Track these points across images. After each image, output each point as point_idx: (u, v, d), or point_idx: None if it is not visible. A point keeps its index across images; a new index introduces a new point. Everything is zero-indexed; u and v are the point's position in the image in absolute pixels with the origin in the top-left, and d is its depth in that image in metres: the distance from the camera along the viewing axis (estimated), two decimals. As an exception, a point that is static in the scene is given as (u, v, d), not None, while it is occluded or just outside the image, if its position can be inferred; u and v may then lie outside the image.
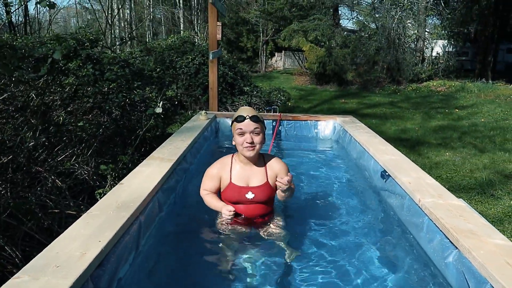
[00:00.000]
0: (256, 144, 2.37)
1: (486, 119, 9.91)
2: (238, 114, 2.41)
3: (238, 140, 2.39)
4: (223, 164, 2.54)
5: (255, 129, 2.36)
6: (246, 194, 2.43)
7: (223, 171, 2.51)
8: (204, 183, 2.55)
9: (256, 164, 2.50)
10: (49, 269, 1.49)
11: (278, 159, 2.59)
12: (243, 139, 2.36)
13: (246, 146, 2.36)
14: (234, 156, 2.55)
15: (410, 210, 2.57)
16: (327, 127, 5.48)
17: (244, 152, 2.39)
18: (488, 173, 5.53)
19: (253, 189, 2.44)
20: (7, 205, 2.67)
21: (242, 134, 2.36)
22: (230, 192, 2.46)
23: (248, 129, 2.35)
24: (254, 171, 2.49)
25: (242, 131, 2.36)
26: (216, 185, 2.51)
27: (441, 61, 18.99)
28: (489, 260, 1.71)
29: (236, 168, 2.50)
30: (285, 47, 23.80)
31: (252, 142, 2.35)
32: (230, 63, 10.27)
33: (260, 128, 2.38)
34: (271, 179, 2.48)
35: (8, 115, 3.64)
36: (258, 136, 2.37)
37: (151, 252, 2.23)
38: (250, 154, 2.38)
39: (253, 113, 2.40)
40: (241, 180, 2.47)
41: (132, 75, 5.38)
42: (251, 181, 2.47)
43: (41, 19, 15.77)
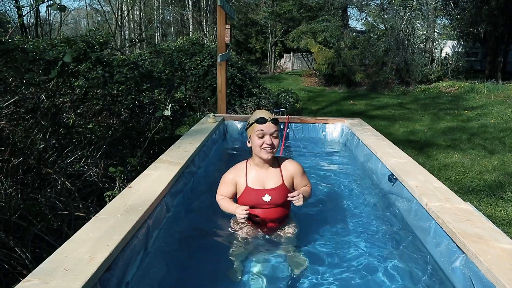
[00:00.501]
0: (275, 146, 2.41)
1: (496, 120, 9.82)
2: (258, 116, 2.43)
3: (256, 142, 2.41)
4: (238, 170, 2.56)
5: (275, 132, 2.40)
6: (263, 197, 2.45)
7: (239, 176, 2.53)
8: (220, 189, 2.58)
9: (271, 166, 2.52)
10: (59, 273, 1.51)
11: (292, 160, 2.62)
12: (263, 141, 2.39)
13: (265, 148, 2.38)
14: (248, 161, 2.58)
15: (417, 214, 2.57)
16: (335, 129, 5.47)
17: (262, 154, 2.41)
18: (498, 175, 5.48)
19: (269, 191, 2.45)
20: (17, 206, 2.71)
21: (262, 136, 2.39)
22: (247, 196, 2.47)
23: (268, 131, 2.38)
24: (270, 174, 2.51)
25: (263, 133, 2.38)
26: (232, 190, 2.53)
27: (450, 62, 18.82)
28: (496, 265, 1.71)
29: (252, 172, 2.52)
30: (294, 48, 23.79)
31: (272, 144, 2.39)
32: (239, 64, 10.29)
33: (278, 131, 2.43)
34: (286, 180, 2.51)
35: (19, 117, 3.70)
36: (276, 139, 2.42)
37: (158, 255, 2.25)
38: (268, 156, 2.41)
39: (272, 116, 2.43)
40: (257, 183, 2.48)
41: (141, 77, 5.42)
42: (267, 183, 2.49)
43: (52, 21, 15.95)
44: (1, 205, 2.69)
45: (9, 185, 2.90)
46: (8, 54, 3.24)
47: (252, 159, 2.54)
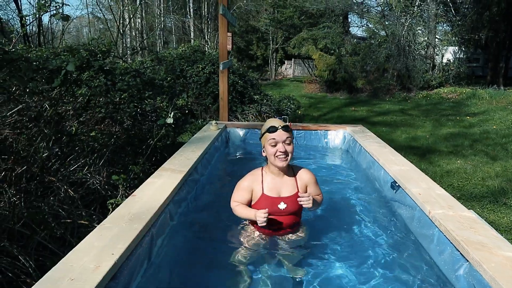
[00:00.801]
0: (289, 153, 2.42)
1: (498, 126, 9.82)
2: (269, 125, 2.46)
3: (270, 151, 2.43)
4: (255, 176, 2.57)
5: (287, 139, 2.42)
6: (279, 205, 2.46)
7: (255, 183, 2.54)
8: (235, 195, 2.57)
9: (286, 174, 2.54)
10: (65, 282, 1.52)
11: (306, 169, 2.64)
12: (276, 149, 2.41)
13: (279, 156, 2.40)
14: (264, 169, 2.59)
15: (421, 221, 2.57)
16: (337, 136, 5.48)
17: (276, 162, 2.43)
18: (501, 181, 5.47)
19: (285, 199, 2.47)
20: (21, 214, 2.72)
21: (275, 144, 2.41)
22: (263, 203, 2.48)
23: (280, 139, 2.41)
24: (285, 182, 2.53)
25: (275, 141, 2.41)
26: (248, 197, 2.53)
27: (452, 68, 18.86)
28: (499, 273, 1.71)
29: (267, 179, 2.53)
30: (295, 55, 23.87)
31: (285, 151, 2.40)
32: (240, 71, 10.34)
33: (291, 138, 2.45)
34: (301, 189, 2.53)
35: (22, 126, 3.72)
36: (290, 146, 2.43)
37: (162, 263, 2.26)
38: (283, 164, 2.43)
39: (283, 123, 2.46)
40: (273, 191, 2.50)
41: (143, 84, 5.45)
42: (283, 191, 2.51)
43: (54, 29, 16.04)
44: (4, 214, 2.70)
45: (12, 194, 2.91)
46: (12, 64, 3.27)
47: (268, 167, 2.56)
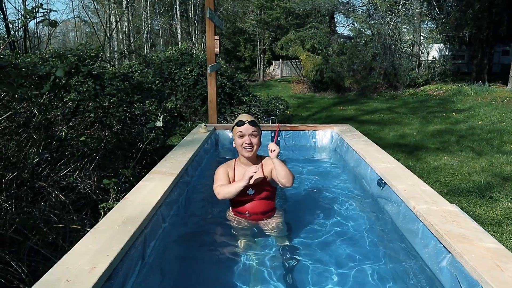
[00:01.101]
0: (254, 145, 2.74)
1: (483, 122, 10.00)
2: (238, 119, 2.78)
3: (238, 142, 2.75)
4: (228, 165, 2.88)
5: (253, 132, 2.73)
6: (248, 191, 2.71)
7: (229, 169, 2.85)
8: (217, 180, 2.79)
9: (255, 164, 2.78)
10: (61, 284, 1.56)
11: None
12: (243, 141, 2.72)
13: (245, 147, 2.72)
14: (236, 160, 2.90)
15: (406, 216, 2.64)
16: (325, 136, 5.55)
17: (243, 152, 2.75)
18: (486, 176, 5.60)
19: (252, 185, 2.68)
20: (12, 220, 2.74)
21: (242, 136, 2.73)
22: None
23: (247, 132, 2.72)
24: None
25: (242, 134, 2.72)
26: (226, 179, 2.79)
27: (437, 65, 19.11)
28: (480, 264, 1.78)
29: (238, 169, 2.83)
30: (282, 56, 23.98)
31: (251, 143, 2.72)
32: (228, 73, 10.38)
33: (257, 131, 2.76)
34: (267, 174, 2.77)
35: (11, 132, 3.72)
36: (255, 138, 2.75)
37: (156, 263, 2.30)
38: (248, 155, 2.74)
39: (251, 118, 2.78)
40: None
41: (132, 88, 5.47)
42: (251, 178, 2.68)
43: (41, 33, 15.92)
44: (-4, 220, 2.71)
45: (3, 200, 2.92)
46: (1, 71, 3.28)
47: (239, 158, 2.86)
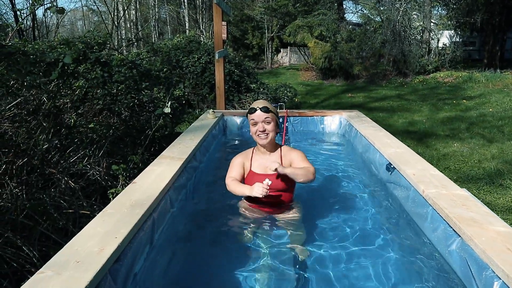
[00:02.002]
0: (268, 132, 2.62)
1: (495, 109, 9.86)
2: (250, 107, 2.67)
3: (252, 130, 2.67)
4: (246, 154, 2.82)
5: (266, 119, 2.61)
6: (264, 181, 2.56)
7: (246, 159, 2.78)
8: (230, 171, 2.75)
9: (273, 153, 2.72)
10: (70, 264, 1.58)
11: (293, 148, 2.82)
12: (256, 129, 2.63)
13: (259, 134, 2.62)
14: (254, 148, 2.82)
15: (415, 201, 2.63)
16: (333, 122, 5.53)
17: (258, 140, 2.66)
18: (497, 163, 5.53)
19: (269, 176, 2.60)
20: (23, 206, 2.77)
21: (255, 124, 2.63)
22: (250, 179, 2.66)
23: (259, 119, 2.61)
24: (271, 160, 2.68)
25: (255, 121, 2.63)
26: (241, 172, 2.73)
27: (448, 52, 18.83)
28: (490, 247, 1.77)
29: (256, 158, 2.76)
30: (291, 43, 23.78)
31: (264, 130, 2.61)
32: (236, 60, 10.33)
33: (270, 117, 2.63)
34: (286, 165, 2.66)
35: (21, 119, 3.75)
36: (269, 124, 2.62)
37: (165, 246, 2.32)
38: (263, 142, 2.64)
39: (264, 104, 2.64)
40: (259, 168, 2.69)
41: (140, 76, 5.46)
42: (269, 168, 2.62)
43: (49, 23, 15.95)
44: (7, 206, 2.75)
45: (14, 186, 2.95)
46: (10, 58, 3.29)
47: (257, 147, 2.76)
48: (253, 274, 2.14)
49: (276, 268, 2.21)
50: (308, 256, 2.32)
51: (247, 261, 2.27)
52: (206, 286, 2.13)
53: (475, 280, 1.81)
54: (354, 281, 2.08)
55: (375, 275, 2.12)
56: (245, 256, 2.32)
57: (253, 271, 2.17)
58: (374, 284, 2.06)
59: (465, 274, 1.90)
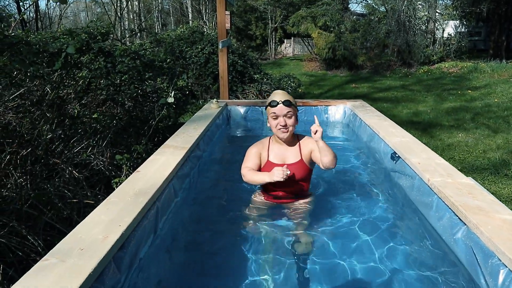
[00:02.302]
0: (289, 126, 2.54)
1: (500, 99, 9.78)
2: (271, 99, 2.56)
3: (272, 123, 2.57)
4: (262, 144, 2.72)
5: (288, 113, 2.52)
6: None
7: (262, 150, 2.68)
8: (246, 161, 2.67)
9: (291, 143, 2.65)
10: (75, 252, 1.58)
11: (311, 138, 2.68)
12: (277, 122, 2.53)
13: (280, 129, 2.53)
14: (271, 138, 2.73)
15: (420, 189, 2.61)
16: (338, 111, 5.50)
17: (278, 134, 2.56)
18: (502, 153, 5.50)
19: (288, 166, 2.53)
20: (27, 196, 2.78)
21: (276, 117, 2.53)
22: (267, 169, 2.57)
23: (281, 113, 2.51)
24: (289, 150, 2.63)
25: (276, 115, 2.52)
26: (257, 162, 2.64)
27: (453, 42, 18.64)
28: (496, 235, 1.75)
29: (273, 147, 2.67)
30: (294, 34, 23.63)
31: (285, 125, 2.52)
32: (240, 51, 10.29)
33: (292, 112, 2.54)
34: (305, 156, 2.62)
35: (25, 109, 3.75)
36: (290, 119, 2.54)
37: (168, 235, 2.32)
38: (284, 136, 2.56)
39: (286, 97, 2.53)
40: (277, 158, 2.62)
41: (143, 66, 5.45)
42: (287, 159, 2.61)
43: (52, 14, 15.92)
44: (12, 196, 2.76)
45: (18, 176, 2.96)
46: (13, 48, 3.28)
47: (274, 137, 2.68)
48: (258, 262, 2.14)
49: (281, 257, 2.20)
50: (313, 244, 2.33)
51: (251, 249, 2.27)
52: (210, 275, 2.13)
53: (481, 268, 1.80)
54: (358, 269, 2.08)
55: (379, 263, 2.12)
56: (250, 244, 2.32)
57: (258, 259, 2.17)
58: (378, 272, 2.05)
59: (471, 262, 1.89)
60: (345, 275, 2.04)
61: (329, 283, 1.98)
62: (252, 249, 2.27)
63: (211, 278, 2.10)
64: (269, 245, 2.33)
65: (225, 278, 2.10)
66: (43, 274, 1.44)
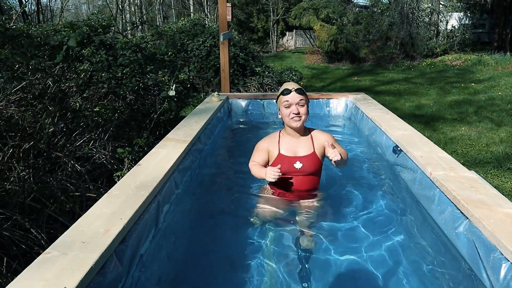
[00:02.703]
0: (302, 114, 2.51)
1: (504, 92, 9.72)
2: (283, 88, 2.56)
3: (285, 112, 2.53)
4: (272, 138, 2.69)
5: (300, 101, 2.50)
6: (295, 164, 2.54)
7: (272, 144, 2.64)
8: (254, 156, 2.67)
9: (303, 136, 2.63)
10: (76, 245, 1.59)
11: (322, 131, 2.72)
12: (290, 111, 2.50)
13: (293, 117, 2.50)
14: (281, 131, 2.70)
15: (422, 183, 2.60)
16: (339, 104, 5.48)
17: (291, 123, 2.53)
18: (505, 147, 5.48)
19: (301, 158, 2.54)
20: (30, 189, 2.79)
21: (289, 106, 2.50)
22: (279, 162, 2.55)
23: (294, 101, 2.49)
24: (301, 142, 2.61)
25: (289, 103, 2.50)
26: (265, 157, 2.64)
27: (457, 34, 18.51)
28: (498, 229, 1.75)
29: (284, 140, 2.64)
30: (296, 26, 23.53)
31: (298, 113, 2.49)
32: (241, 44, 10.24)
33: (304, 100, 2.52)
34: (317, 149, 2.60)
35: (27, 103, 3.75)
36: (303, 107, 2.51)
37: (169, 228, 2.33)
38: (297, 125, 2.52)
39: (297, 86, 2.54)
40: (289, 151, 2.59)
41: (144, 59, 5.43)
42: (299, 151, 2.59)
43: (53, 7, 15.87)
44: (15, 189, 2.76)
45: (21, 169, 2.97)
46: (14, 40, 3.28)
47: (285, 129, 2.65)
48: (259, 258, 2.14)
49: (285, 252, 2.20)
50: (317, 240, 2.32)
51: (253, 242, 2.27)
52: (211, 268, 2.14)
53: (483, 262, 1.80)
54: (358, 262, 2.08)
55: (380, 258, 2.12)
56: (252, 237, 2.32)
57: (259, 255, 2.17)
58: (379, 266, 2.05)
59: (472, 256, 1.89)
60: (345, 268, 2.04)
61: (331, 277, 1.98)
62: (254, 242, 2.27)
63: (212, 270, 2.11)
64: (273, 239, 2.33)
65: (226, 270, 2.10)
66: (45, 267, 1.45)
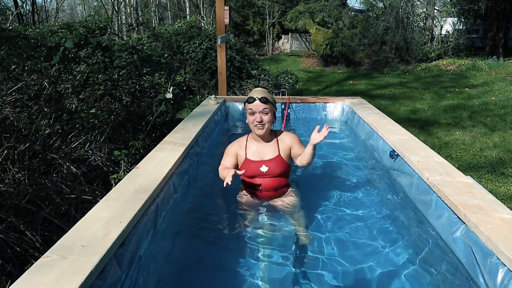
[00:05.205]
0: (265, 123, 2.58)
1: (497, 97, 9.80)
2: (249, 95, 2.61)
3: (249, 119, 2.61)
4: (240, 143, 2.77)
5: (264, 109, 2.55)
6: (261, 168, 2.62)
7: (240, 148, 2.73)
8: (224, 159, 2.74)
9: (268, 140, 2.70)
10: (76, 249, 1.58)
11: (288, 132, 2.80)
12: (253, 118, 2.57)
13: (256, 125, 2.57)
14: (249, 135, 2.77)
15: (419, 188, 2.62)
16: (336, 108, 5.50)
17: (254, 130, 2.62)
18: (499, 152, 5.52)
19: (266, 162, 2.62)
20: (25, 191, 2.77)
21: (252, 114, 2.58)
22: (246, 166, 2.64)
23: (257, 109, 2.56)
24: (267, 146, 2.68)
25: (252, 111, 2.57)
26: (233, 161, 2.70)
27: (451, 40, 18.65)
28: (495, 234, 1.76)
29: (251, 145, 2.72)
30: (292, 29, 23.57)
31: (261, 121, 2.56)
32: (237, 46, 10.25)
33: (268, 108, 2.57)
34: (283, 152, 2.67)
35: (22, 104, 3.73)
36: (266, 115, 2.57)
37: (168, 231, 2.33)
38: (259, 132, 2.60)
39: (263, 94, 2.58)
40: (255, 155, 2.67)
41: (141, 61, 5.42)
42: (265, 155, 2.66)
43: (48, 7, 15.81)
44: (9, 191, 2.74)
45: (16, 171, 2.95)
46: (11, 41, 3.26)
47: (252, 134, 2.72)
48: (255, 258, 2.15)
49: (278, 251, 2.22)
50: (310, 241, 2.34)
51: (250, 245, 2.28)
52: (209, 270, 2.14)
53: (480, 267, 1.81)
54: (356, 267, 2.08)
55: (377, 262, 2.13)
56: (247, 240, 2.34)
57: (255, 255, 2.18)
58: (376, 270, 2.06)
59: (469, 261, 1.90)
60: (340, 271, 2.05)
61: (322, 281, 1.99)
62: (251, 245, 2.28)
63: (210, 272, 2.12)
64: (266, 240, 2.35)
65: (224, 272, 2.12)
66: (44, 271, 1.44)
